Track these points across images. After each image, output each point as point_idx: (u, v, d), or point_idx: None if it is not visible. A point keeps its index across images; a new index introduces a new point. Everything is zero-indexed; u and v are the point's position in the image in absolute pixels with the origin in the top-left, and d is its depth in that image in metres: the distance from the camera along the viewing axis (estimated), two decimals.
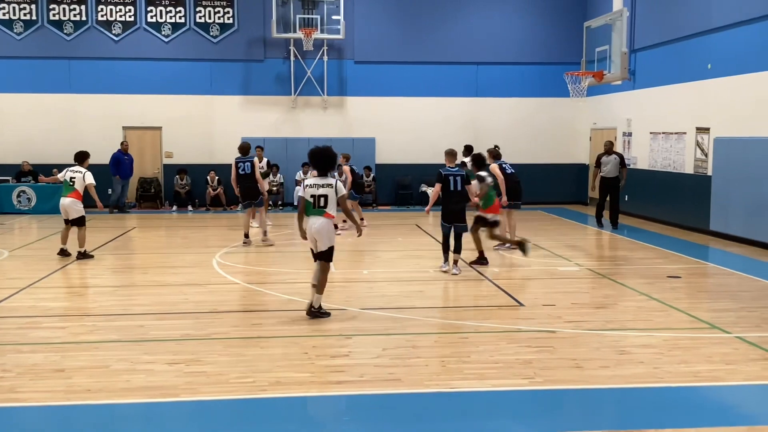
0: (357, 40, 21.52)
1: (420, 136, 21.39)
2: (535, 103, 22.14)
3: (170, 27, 21.08)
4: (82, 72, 20.92)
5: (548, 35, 21.86)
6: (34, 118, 20.84)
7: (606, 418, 5.83)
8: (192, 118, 21.32)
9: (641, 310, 9.04)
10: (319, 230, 8.22)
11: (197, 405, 5.88)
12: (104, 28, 20.89)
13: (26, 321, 8.45)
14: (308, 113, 21.78)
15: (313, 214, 8.26)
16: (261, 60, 21.48)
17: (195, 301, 9.59)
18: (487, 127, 21.62)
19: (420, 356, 7.04)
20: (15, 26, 20.62)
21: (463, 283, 10.81)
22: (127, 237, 15.71)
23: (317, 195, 8.25)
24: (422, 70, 21.81)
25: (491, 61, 21.90)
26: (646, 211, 17.82)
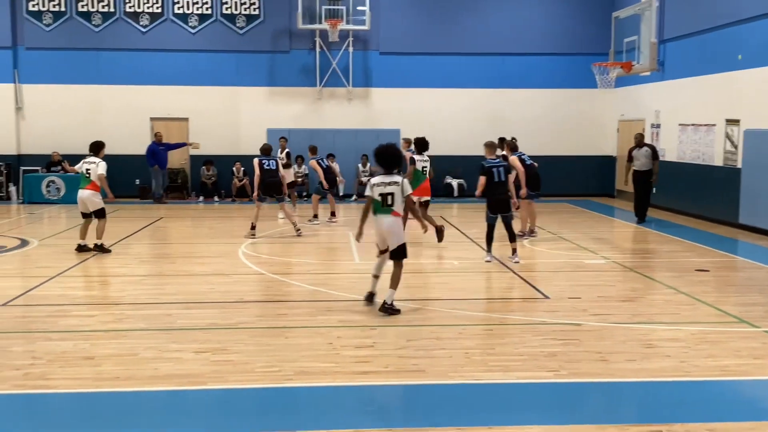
0: (382, 31, 21.49)
1: (445, 127, 21.32)
2: (561, 95, 21.96)
3: (197, 18, 21.19)
4: (110, 63, 21.11)
5: (575, 25, 21.66)
6: (63, 109, 21.08)
7: (632, 412, 5.80)
8: (218, 109, 21.44)
9: (668, 303, 8.96)
10: (390, 229, 8.20)
11: (224, 393, 5.94)
12: (132, 20, 21.05)
13: (56, 309, 8.58)
14: (333, 104, 21.81)
15: (382, 212, 8.23)
16: (286, 51, 21.53)
17: (221, 290, 9.67)
18: (513, 119, 21.49)
19: (444, 348, 7.05)
20: (44, 18, 20.85)
21: (488, 275, 10.79)
22: (155, 227, 15.87)
23: (385, 193, 8.21)
24: (447, 61, 21.72)
25: (517, 52, 21.74)
26: (674, 203, 17.64)
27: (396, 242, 8.22)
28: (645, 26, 16.71)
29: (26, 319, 8.20)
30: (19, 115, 21.18)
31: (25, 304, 8.81)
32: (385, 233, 8.23)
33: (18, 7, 20.82)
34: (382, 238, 8.32)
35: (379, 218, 8.24)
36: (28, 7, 20.79)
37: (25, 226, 15.81)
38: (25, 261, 11.74)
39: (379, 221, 8.24)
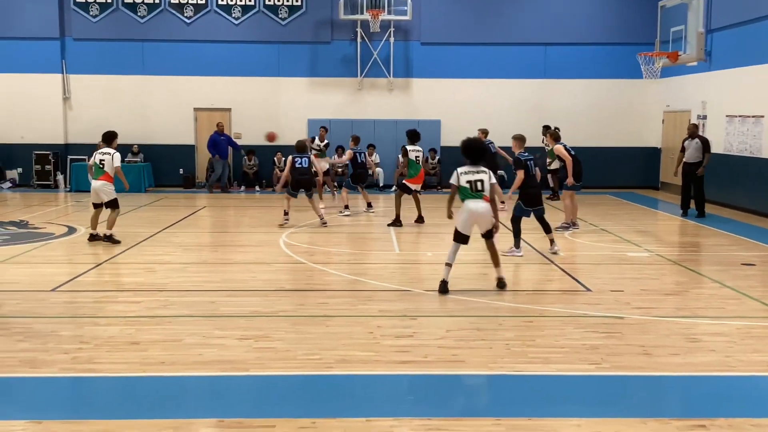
0: (424, 21, 21.41)
1: (486, 118, 21.12)
2: (605, 85, 21.66)
3: (240, 9, 21.37)
4: (155, 54, 21.42)
5: (620, 15, 21.32)
6: (108, 99, 21.46)
7: (674, 406, 5.74)
8: (260, 99, 21.62)
9: (713, 297, 8.82)
10: (483, 213, 8.64)
11: (266, 379, 6.03)
12: (176, 11, 21.32)
13: (102, 295, 8.78)
14: (374, 95, 21.83)
15: (473, 197, 8.65)
16: (328, 42, 21.60)
17: (263, 279, 9.78)
18: (555, 110, 21.27)
19: (484, 339, 7.04)
20: (91, 9, 21.22)
21: (529, 266, 10.73)
22: (197, 216, 16.10)
23: (474, 180, 8.66)
24: (489, 51, 21.57)
25: (560, 42, 21.48)
26: (720, 196, 17.29)
27: (489, 224, 8.72)
28: (692, 15, 16.36)
29: (74, 305, 8.41)
30: (66, 105, 21.62)
31: (72, 290, 9.03)
32: (479, 217, 8.65)
33: None
34: (472, 222, 8.69)
35: (472, 203, 8.64)
36: None
37: (72, 214, 16.16)
38: (72, 248, 12.01)
39: (473, 206, 8.62)
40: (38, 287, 9.03)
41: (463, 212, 8.69)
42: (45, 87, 21.26)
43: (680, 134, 19.29)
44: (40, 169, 21.07)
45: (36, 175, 21.11)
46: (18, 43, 20.99)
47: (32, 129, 21.31)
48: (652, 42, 18.59)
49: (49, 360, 6.36)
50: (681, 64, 17.69)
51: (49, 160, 21.06)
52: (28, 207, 17.07)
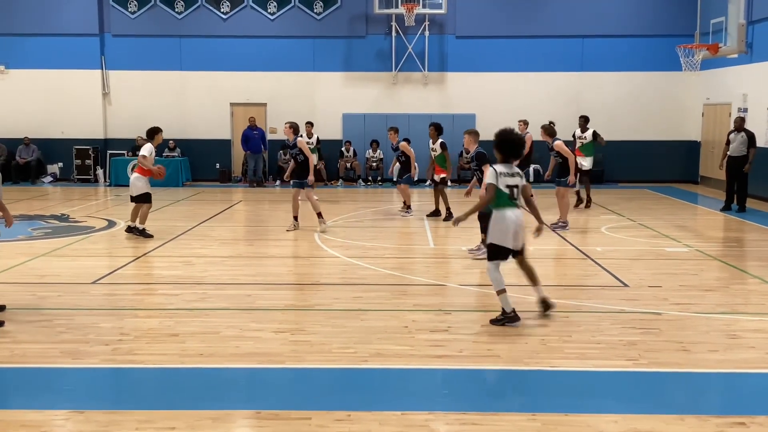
0: (459, 14, 21.31)
1: (521, 112, 20.91)
2: (643, 78, 21.36)
3: (276, 4, 21.49)
4: (192, 49, 21.65)
5: (658, 6, 20.99)
6: (146, 95, 21.76)
7: (713, 403, 5.67)
8: (295, 94, 21.73)
9: (754, 293, 8.67)
10: (523, 223, 7.35)
11: (302, 372, 6.09)
12: (213, 7, 21.51)
13: (142, 288, 8.93)
14: (408, 89, 21.80)
15: (511, 206, 7.28)
16: (363, 36, 21.61)
17: (298, 273, 9.86)
18: (593, 103, 21.02)
19: (519, 334, 7.02)
20: (129, 5, 21.52)
21: (565, 261, 10.65)
22: (234, 210, 16.26)
23: (512, 185, 7.30)
24: (525, 44, 21.39)
25: (597, 34, 21.22)
26: (762, 191, 16.95)
27: (524, 239, 7.45)
28: (733, 6, 16.03)
29: (114, 297, 8.56)
30: (105, 101, 21.97)
31: (112, 282, 9.19)
32: (520, 229, 7.28)
33: None
34: (514, 234, 7.24)
35: (512, 213, 7.25)
36: None
37: (111, 208, 16.43)
38: (112, 241, 12.21)
39: (514, 217, 7.24)
40: (79, 280, 9.21)
41: (501, 222, 7.25)
42: (84, 83, 21.63)
43: (720, 128, 18.97)
44: (80, 163, 21.45)
45: (76, 170, 21.50)
46: (58, 39, 21.38)
47: (72, 124, 21.71)
48: (692, 34, 18.29)
49: (91, 351, 6.49)
50: (721, 56, 17.36)
51: (89, 154, 21.43)
52: (69, 201, 17.39)
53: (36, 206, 16.28)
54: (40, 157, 21.64)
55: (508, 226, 7.22)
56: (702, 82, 20.62)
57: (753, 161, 15.00)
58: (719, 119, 19.51)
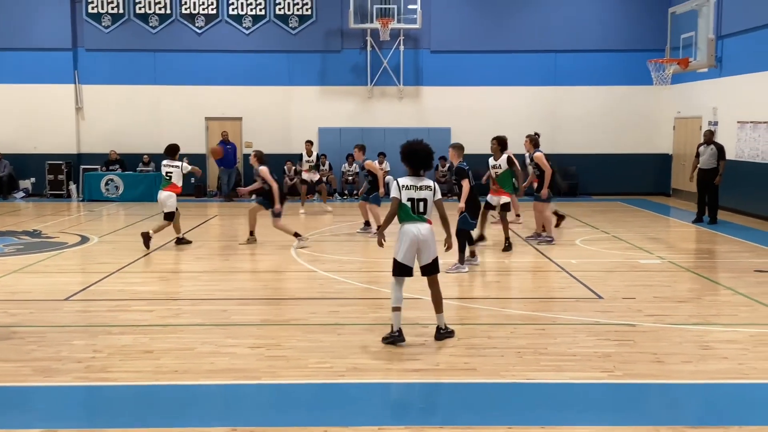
0: (433, 29, 21.47)
1: (497, 125, 20.96)
2: (615, 92, 21.63)
3: (251, 19, 21.50)
4: (167, 64, 21.57)
5: (630, 21, 21.31)
6: (120, 109, 21.62)
7: (687, 414, 5.71)
8: (270, 108, 21.71)
9: (726, 304, 8.78)
10: (427, 238, 7.06)
11: (278, 388, 6.05)
12: (188, 21, 21.47)
13: (116, 304, 8.83)
14: (384, 103, 21.88)
15: (414, 220, 7.08)
16: (338, 51, 21.68)
17: (274, 287, 9.82)
18: (566, 117, 21.26)
19: (495, 347, 7.04)
20: (103, 20, 21.40)
21: (540, 274, 10.71)
22: (209, 225, 16.16)
23: (416, 199, 7.10)
24: (499, 58, 21.59)
25: (570, 49, 21.48)
26: (732, 203, 17.21)
27: (432, 255, 7.13)
28: (702, 22, 16.32)
29: (87, 314, 8.45)
30: (79, 115, 21.79)
31: (86, 299, 9.08)
32: (421, 244, 7.04)
33: (78, 9, 21.41)
34: (414, 250, 7.07)
35: (414, 228, 7.05)
36: (87, 10, 21.36)
37: (84, 224, 16.26)
38: (85, 257, 12.08)
39: (415, 231, 7.03)
40: (52, 296, 9.09)
41: (402, 236, 7.07)
42: (58, 97, 21.45)
43: (691, 141, 19.24)
44: (53, 178, 21.22)
45: (49, 185, 21.26)
46: (31, 54, 21.20)
47: (45, 139, 21.49)
48: (663, 48, 18.54)
49: (63, 369, 6.40)
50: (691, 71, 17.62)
51: (62, 170, 21.21)
52: (41, 217, 17.19)
53: (8, 222, 16.06)
54: (12, 172, 21.38)
55: (406, 241, 7.06)
56: (673, 96, 20.93)
57: (723, 173, 15.23)
58: (690, 132, 19.80)
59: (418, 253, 7.10)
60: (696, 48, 16.81)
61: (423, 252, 7.09)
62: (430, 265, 7.16)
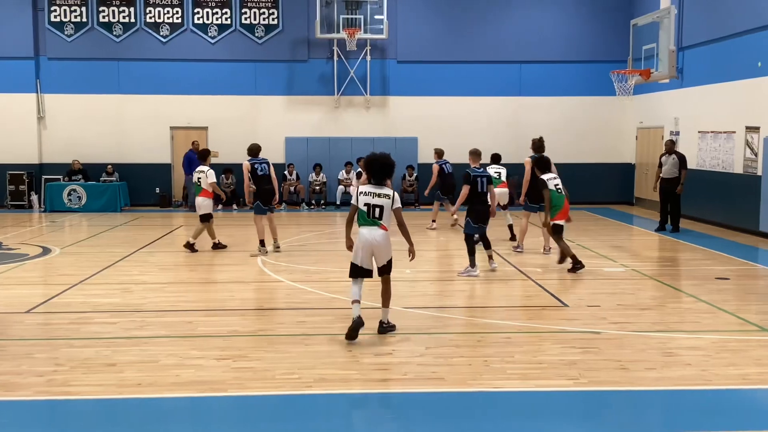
0: (400, 39, 21.57)
1: (463, 135, 21.28)
2: (580, 102, 21.92)
3: (216, 28, 21.39)
4: (131, 73, 21.35)
5: (593, 33, 21.63)
6: (84, 118, 21.32)
7: (651, 421, 5.78)
8: (237, 118, 21.60)
9: (688, 311, 8.91)
10: (380, 243, 7.55)
11: (244, 400, 5.99)
12: (152, 30, 21.29)
13: (78, 316, 8.68)
14: (351, 113, 21.90)
15: (368, 224, 7.58)
16: (305, 60, 21.66)
17: (241, 298, 9.74)
18: (532, 126, 21.38)
19: (463, 355, 7.06)
20: (66, 28, 21.13)
21: (507, 283, 10.78)
22: (174, 235, 16.00)
23: (372, 204, 7.56)
24: (465, 69, 21.76)
25: (535, 60, 21.73)
26: (693, 211, 17.52)
27: (386, 258, 7.63)
28: (663, 33, 16.65)
29: (49, 326, 8.31)
30: (41, 125, 21.45)
31: (47, 311, 8.92)
32: (373, 248, 7.54)
33: (40, 18, 21.11)
34: (369, 254, 7.59)
35: (367, 232, 7.54)
36: (50, 18, 21.07)
37: (46, 235, 15.99)
38: (47, 269, 11.88)
39: (368, 235, 7.53)
40: (12, 309, 8.92)
41: (357, 240, 7.57)
42: (19, 106, 21.08)
43: (653, 150, 19.57)
44: (13, 189, 20.84)
45: (10, 196, 20.86)
46: None
47: (6, 149, 21.10)
48: (625, 60, 18.87)
49: (24, 383, 6.27)
50: (653, 82, 17.96)
51: (23, 180, 20.84)
52: (2, 228, 16.86)
53: None
54: None
55: (359, 244, 7.56)
56: (635, 107, 21.28)
57: (685, 182, 15.49)
58: (652, 142, 20.13)
59: (374, 255, 7.64)
60: (657, 59, 17.14)
61: (377, 255, 7.65)
62: (385, 267, 7.70)
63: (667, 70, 16.54)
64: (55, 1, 21.05)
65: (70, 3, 21.09)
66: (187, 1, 21.27)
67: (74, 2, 21.10)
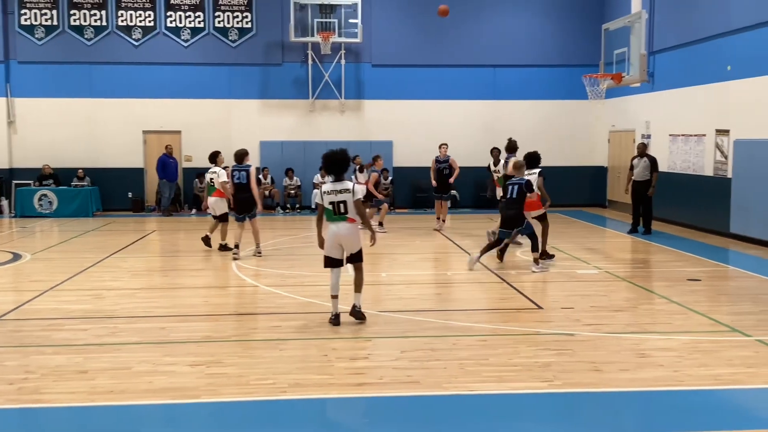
0: (374, 43, 21.59)
1: (438, 138, 21.23)
2: (553, 106, 22.09)
3: (189, 32, 21.26)
4: (103, 77, 21.13)
5: (566, 38, 21.82)
6: (55, 123, 21.07)
7: (625, 422, 5.83)
8: (211, 122, 21.47)
9: (661, 313, 9.00)
10: (347, 235, 8.18)
11: (218, 406, 5.94)
12: (124, 33, 21.09)
13: (49, 323, 8.56)
14: (326, 117, 21.87)
15: (336, 220, 8.20)
16: (279, 64, 21.60)
17: (215, 303, 9.67)
18: (506, 130, 21.45)
19: (438, 359, 7.06)
20: (36, 32, 20.88)
21: (482, 285, 10.81)
22: (147, 240, 15.85)
23: (336, 202, 8.16)
24: (439, 72, 21.84)
25: (509, 64, 21.87)
26: (665, 213, 17.71)
27: (355, 247, 8.26)
28: (635, 38, 16.83)
29: (19, 333, 8.17)
30: (11, 129, 21.15)
31: (18, 318, 8.79)
32: (342, 240, 8.18)
33: (10, 21, 20.84)
34: (338, 246, 8.22)
35: (333, 226, 8.22)
36: (20, 21, 20.81)
37: (17, 240, 15.75)
38: (17, 275, 11.70)
39: (336, 230, 8.19)
40: None
41: (328, 235, 8.25)
42: None
43: (625, 153, 19.77)
44: None
45: None
46: None
47: None
48: (597, 64, 19.05)
49: None
50: (625, 85, 18.15)
51: None
52: None
53: None
54: None
55: (330, 238, 8.22)
56: (608, 110, 21.48)
57: (656, 185, 15.67)
58: (624, 145, 20.34)
59: (343, 246, 8.25)
60: (629, 63, 17.32)
61: (345, 245, 8.25)
62: (354, 256, 8.31)
63: (638, 74, 16.71)
64: (26, 5, 20.80)
65: (40, 6, 20.84)
66: (160, 5, 21.13)
67: (45, 5, 20.86)
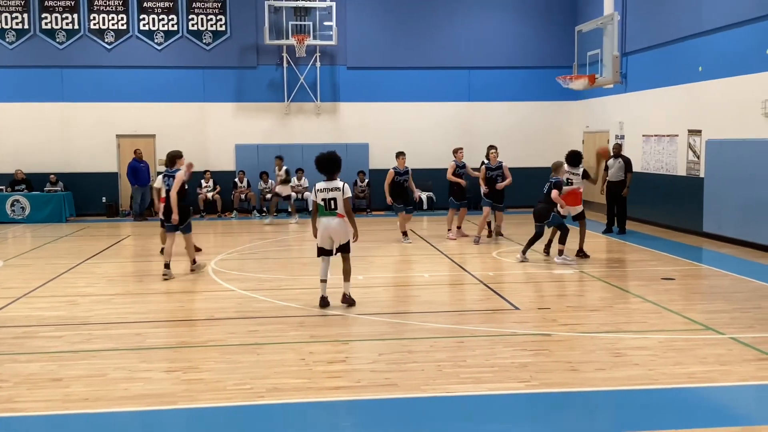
0: (349, 46, 21.59)
1: (413, 141, 21.40)
2: (527, 107, 22.23)
3: (163, 35, 21.11)
4: (75, 80, 20.92)
5: (539, 39, 21.98)
6: (27, 127, 20.82)
7: (602, 420, 5.87)
8: (185, 125, 21.33)
9: (636, 312, 9.08)
10: (336, 228, 9.11)
11: (195, 412, 5.89)
12: (97, 37, 20.90)
13: (22, 330, 8.44)
14: (301, 119, 21.83)
15: (326, 215, 9.14)
16: (254, 67, 21.52)
17: (191, 308, 9.60)
18: (481, 131, 21.67)
19: (416, 361, 7.07)
20: (7, 35, 20.62)
21: (458, 287, 10.84)
22: (121, 245, 15.70)
23: (327, 199, 9.13)
24: (414, 75, 21.89)
25: (483, 66, 21.99)
26: (638, 213, 17.90)
27: (344, 239, 9.17)
28: (607, 40, 16.99)
29: None
30: None
31: None
32: (332, 233, 9.11)
33: None
34: (328, 238, 9.14)
35: (324, 220, 9.15)
36: None
37: None
38: None
39: (326, 223, 9.13)
40: None
41: (320, 228, 9.20)
42: None
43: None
44: None
45: None
46: None
47: None
48: (571, 65, 19.20)
49: None
50: (598, 87, 18.31)
51: None
52: None
53: None
54: None
55: (324, 231, 9.15)
56: (581, 111, 21.66)
57: (630, 185, 15.81)
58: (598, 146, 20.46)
59: (332, 238, 9.15)
60: (602, 65, 17.48)
61: (334, 237, 9.16)
62: (343, 246, 9.24)
63: (611, 76, 16.88)
64: None
65: (11, 10, 20.59)
66: (133, 8, 20.96)
67: (16, 9, 20.61)
